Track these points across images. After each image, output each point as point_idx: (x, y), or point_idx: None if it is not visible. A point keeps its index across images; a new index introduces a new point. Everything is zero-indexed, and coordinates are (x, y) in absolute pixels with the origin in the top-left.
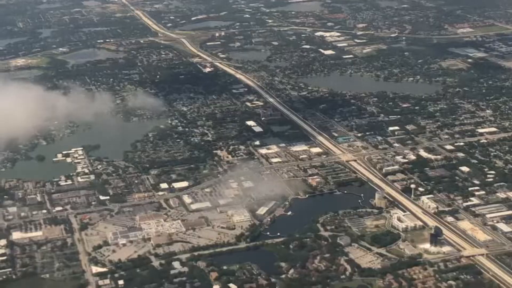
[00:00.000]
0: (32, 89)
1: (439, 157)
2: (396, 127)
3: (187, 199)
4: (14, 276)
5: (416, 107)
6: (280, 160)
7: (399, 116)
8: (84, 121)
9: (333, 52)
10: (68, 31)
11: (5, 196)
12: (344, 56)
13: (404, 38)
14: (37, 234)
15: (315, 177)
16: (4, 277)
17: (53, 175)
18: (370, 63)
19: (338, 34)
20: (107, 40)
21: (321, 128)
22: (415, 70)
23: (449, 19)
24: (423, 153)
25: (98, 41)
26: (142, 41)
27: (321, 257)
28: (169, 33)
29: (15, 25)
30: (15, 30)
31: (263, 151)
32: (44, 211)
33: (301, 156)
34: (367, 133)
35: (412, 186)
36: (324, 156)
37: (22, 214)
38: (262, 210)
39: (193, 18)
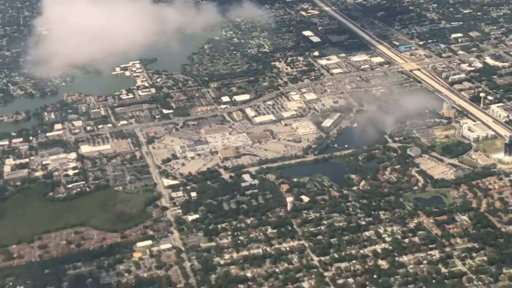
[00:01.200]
0: (138, 1)
1: (506, 64)
2: (459, 34)
3: (250, 112)
4: (88, 189)
5: (479, 13)
6: (341, 71)
7: (461, 23)
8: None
9: None
10: None
11: (69, 110)
12: None
13: None
14: (105, 147)
15: (379, 87)
16: (78, 189)
17: (113, 89)
18: None
19: None
20: None
21: (380, 36)
22: None
23: None
24: (490, 60)
25: None
26: None
27: (391, 169)
28: None
29: None
30: None
31: (322, 62)
32: (109, 125)
33: (362, 66)
34: (429, 40)
35: (481, 94)
36: (386, 66)
37: (88, 128)
38: (327, 122)
39: None
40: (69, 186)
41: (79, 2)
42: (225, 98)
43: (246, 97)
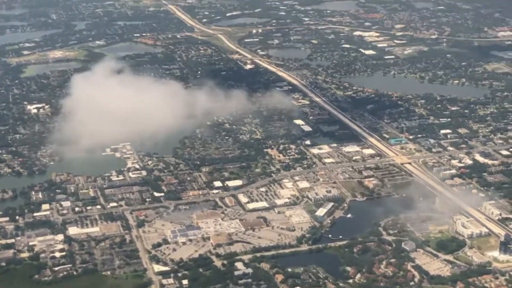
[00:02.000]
0: (168, 85)
1: (496, 162)
2: (448, 130)
3: (243, 198)
4: (75, 273)
5: (466, 110)
6: (333, 161)
7: (449, 119)
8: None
9: (374, 52)
10: (102, 24)
11: (57, 190)
12: (386, 57)
13: (444, 39)
14: (94, 230)
15: (372, 179)
16: (65, 273)
17: (103, 170)
18: (413, 64)
19: (377, 34)
20: (143, 34)
21: (371, 129)
22: (459, 73)
23: (488, 22)
24: (479, 158)
25: (135, 35)
26: (179, 36)
27: (387, 262)
28: (205, 28)
29: (49, 17)
30: (49, 21)
31: (314, 151)
32: (99, 206)
33: (354, 157)
34: (419, 135)
35: (474, 191)
36: (378, 158)
37: (77, 209)
38: (321, 212)
39: (228, 14)
40: (56, 269)
41: (110, 84)
42: (217, 183)
43: (238, 182)
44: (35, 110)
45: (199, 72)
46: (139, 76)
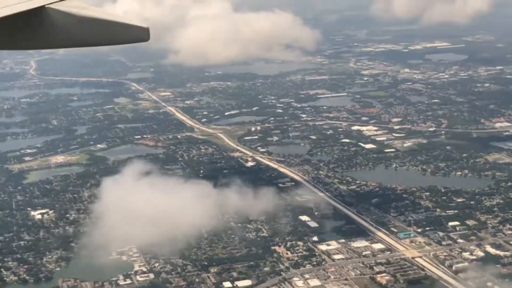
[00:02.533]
0: (198, 184)
1: (508, 253)
2: (456, 222)
3: None
4: None
5: (472, 202)
6: (342, 257)
7: (456, 211)
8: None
9: (374, 146)
10: (103, 128)
11: None
12: (386, 150)
13: (443, 132)
14: None
15: (384, 274)
16: None
17: (110, 274)
18: (413, 157)
19: (375, 128)
20: (144, 136)
21: (378, 223)
22: (461, 164)
23: (484, 114)
24: (491, 249)
25: (135, 137)
26: (179, 136)
27: None
28: (205, 128)
29: (50, 123)
30: (50, 127)
31: (323, 247)
32: None
33: (364, 253)
34: (427, 228)
35: (488, 284)
36: (388, 252)
37: None
38: None
39: (226, 113)
40: None
41: (139, 186)
42: (227, 284)
43: (248, 282)
44: (39, 216)
45: (201, 171)
46: (167, 177)
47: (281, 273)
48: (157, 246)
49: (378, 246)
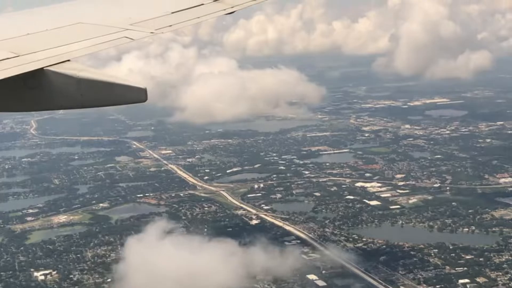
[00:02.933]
0: (223, 243)
1: None
2: (466, 280)
3: None
4: None
5: (481, 259)
6: None
7: (465, 268)
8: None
9: (379, 203)
10: (105, 187)
11: None
12: (391, 207)
13: (448, 188)
14: None
15: None
16: None
17: None
18: (419, 213)
19: (379, 184)
20: (147, 194)
21: (387, 281)
22: (467, 221)
23: (487, 169)
24: None
25: (138, 195)
26: (182, 194)
27: None
28: (207, 185)
29: (51, 182)
30: (52, 186)
31: None
32: None
33: None
34: (437, 286)
35: None
36: None
37: None
38: None
39: (228, 171)
40: None
41: (163, 245)
42: None
43: None
44: (42, 277)
45: (205, 230)
46: (191, 235)
47: None
48: None
49: None
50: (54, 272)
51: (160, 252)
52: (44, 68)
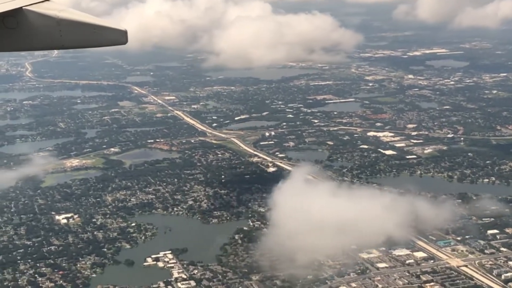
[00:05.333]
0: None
1: None
2: (495, 230)
3: None
4: None
5: (506, 209)
6: (386, 266)
7: (492, 219)
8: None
9: (394, 152)
10: (113, 131)
11: None
12: (407, 157)
13: (462, 138)
14: None
15: (432, 284)
16: None
17: (149, 281)
18: (437, 163)
19: (391, 134)
20: (157, 140)
21: (416, 231)
22: (486, 171)
23: (498, 120)
24: None
25: (148, 141)
26: (193, 141)
27: None
28: (217, 132)
29: (57, 125)
30: (58, 130)
31: (364, 255)
32: None
33: (407, 261)
34: (467, 236)
35: None
36: (432, 261)
37: None
38: None
39: (236, 118)
40: None
41: (317, 194)
42: None
43: None
44: (65, 221)
45: (222, 177)
46: (337, 182)
47: (326, 281)
48: None
49: (420, 254)
50: (76, 216)
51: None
52: (23, 7)
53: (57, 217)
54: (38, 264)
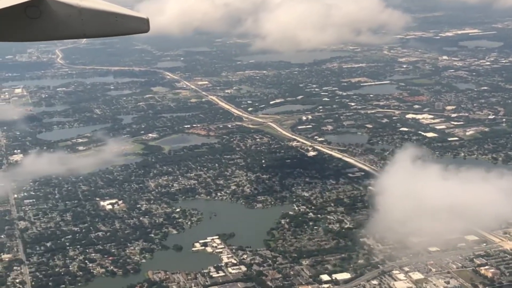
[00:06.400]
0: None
1: None
2: None
3: None
4: None
5: None
6: (438, 249)
7: None
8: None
9: (435, 135)
10: (149, 117)
11: None
12: (449, 139)
13: (504, 119)
14: None
15: (487, 267)
16: None
17: (199, 266)
18: (480, 145)
19: (431, 116)
20: (194, 125)
21: None
22: None
23: None
24: None
25: (185, 126)
26: (229, 126)
27: None
28: (253, 117)
29: (93, 112)
30: (95, 116)
31: (413, 239)
32: None
33: (458, 245)
34: None
35: None
36: (484, 244)
37: None
38: None
39: (271, 102)
40: None
41: (428, 177)
42: (324, 277)
43: (346, 275)
44: (110, 206)
45: (263, 161)
46: (445, 164)
47: (378, 265)
48: None
49: (471, 237)
50: (121, 202)
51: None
52: None
53: (101, 203)
54: (87, 250)
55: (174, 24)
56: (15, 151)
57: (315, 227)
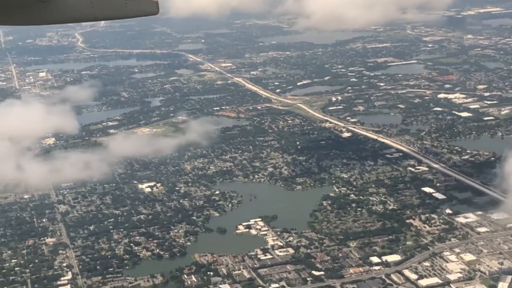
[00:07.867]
0: None
1: None
2: None
3: (410, 274)
4: None
5: None
6: (487, 230)
7: None
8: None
9: (470, 114)
10: (176, 99)
11: (208, 273)
12: (485, 118)
13: None
14: None
15: None
16: None
17: (246, 248)
18: None
19: (463, 95)
20: (223, 107)
21: (508, 192)
22: None
23: None
24: None
25: (214, 108)
26: (259, 108)
27: None
28: (282, 98)
29: (120, 95)
30: (122, 99)
31: (461, 220)
32: None
33: (508, 225)
34: None
35: None
36: None
37: None
38: (502, 286)
39: (298, 83)
40: None
41: None
42: (374, 259)
43: (396, 257)
44: (148, 189)
45: (297, 143)
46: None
47: (428, 247)
48: None
49: None
50: (159, 185)
51: None
52: None
53: (140, 186)
54: (131, 233)
55: (210, 3)
56: (48, 134)
57: (358, 209)
